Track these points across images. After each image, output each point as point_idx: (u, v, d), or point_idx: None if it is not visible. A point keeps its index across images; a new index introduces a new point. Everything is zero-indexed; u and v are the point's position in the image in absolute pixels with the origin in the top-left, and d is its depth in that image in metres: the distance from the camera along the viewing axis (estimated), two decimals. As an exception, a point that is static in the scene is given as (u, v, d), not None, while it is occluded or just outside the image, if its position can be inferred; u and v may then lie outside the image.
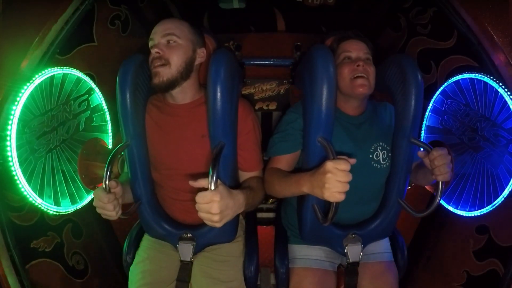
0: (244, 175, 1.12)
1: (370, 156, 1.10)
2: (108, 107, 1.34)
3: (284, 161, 1.10)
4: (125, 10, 1.40)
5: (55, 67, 1.07)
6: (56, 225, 1.17)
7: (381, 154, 1.10)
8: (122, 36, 1.41)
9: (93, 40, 1.27)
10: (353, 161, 0.81)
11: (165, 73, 1.00)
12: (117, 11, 1.35)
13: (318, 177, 0.82)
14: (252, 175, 1.12)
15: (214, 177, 0.82)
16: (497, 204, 1.06)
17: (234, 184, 1.06)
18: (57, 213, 1.10)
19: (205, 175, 0.84)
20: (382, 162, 1.11)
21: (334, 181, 0.78)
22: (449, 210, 1.23)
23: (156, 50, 1.00)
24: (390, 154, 1.12)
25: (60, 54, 1.12)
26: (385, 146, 1.12)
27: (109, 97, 1.32)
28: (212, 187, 0.81)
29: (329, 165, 0.79)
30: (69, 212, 1.16)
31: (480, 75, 1.09)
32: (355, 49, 1.07)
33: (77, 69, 1.18)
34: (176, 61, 1.00)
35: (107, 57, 1.23)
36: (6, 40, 0.96)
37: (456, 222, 1.28)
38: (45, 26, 0.99)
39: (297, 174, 0.95)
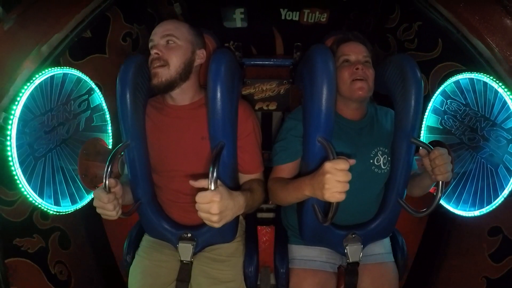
0: (244, 178, 1.12)
1: (371, 161, 1.10)
2: (108, 107, 1.34)
3: (286, 170, 1.10)
4: (137, 29, 1.45)
5: (55, 67, 1.07)
6: (43, 230, 1.15)
7: (381, 159, 1.10)
8: (132, 53, 1.45)
9: (105, 52, 1.31)
10: (352, 161, 0.81)
11: (164, 74, 1.00)
12: (129, 29, 1.40)
13: (318, 179, 0.82)
14: (253, 178, 1.12)
15: (214, 177, 0.82)
16: (497, 204, 1.05)
17: (234, 184, 1.06)
18: (57, 213, 1.10)
19: (205, 176, 0.84)
20: (382, 167, 1.10)
21: (334, 182, 0.78)
22: (457, 217, 1.21)
23: (155, 51, 1.00)
24: (390, 159, 1.12)
25: (73, 59, 1.16)
26: (386, 150, 1.12)
27: (110, 98, 1.33)
28: (212, 187, 0.81)
29: (328, 165, 0.79)
30: (69, 212, 1.16)
31: (480, 75, 1.10)
32: (355, 52, 1.07)
33: (87, 76, 1.21)
34: (175, 62, 1.01)
35: (116, 71, 1.27)
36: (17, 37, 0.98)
37: (465, 229, 1.27)
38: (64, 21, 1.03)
39: (297, 179, 0.95)
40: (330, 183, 0.79)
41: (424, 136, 1.37)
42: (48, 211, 1.06)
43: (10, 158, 0.93)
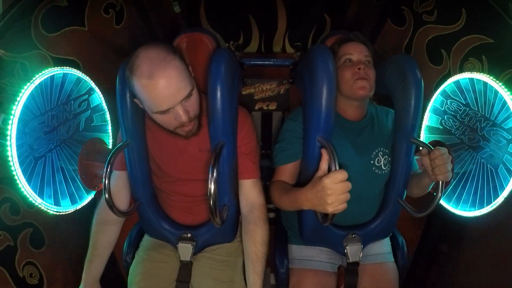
0: (240, 184, 1.09)
1: (372, 162, 1.09)
2: (108, 107, 1.34)
3: (287, 171, 1.09)
4: (121, 1, 1.33)
5: (55, 67, 1.07)
6: (12, 226, 1.04)
7: (382, 160, 1.10)
8: (115, 27, 1.34)
9: (84, 24, 1.19)
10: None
11: (195, 125, 0.97)
12: None
13: (318, 195, 0.80)
14: (248, 184, 1.08)
15: (214, 177, 0.82)
16: (497, 204, 1.05)
17: (233, 185, 1.06)
18: (57, 213, 1.10)
19: (205, 180, 0.85)
20: (383, 167, 1.10)
21: (336, 196, 0.78)
22: (466, 218, 1.16)
23: (185, 118, 0.90)
24: (390, 159, 1.12)
25: (47, 31, 1.05)
26: (386, 151, 1.11)
27: (92, 77, 1.24)
28: (212, 186, 0.82)
29: (328, 183, 0.78)
30: (69, 212, 1.16)
31: (480, 75, 1.10)
32: (356, 52, 1.07)
33: (62, 51, 1.11)
34: (198, 108, 0.95)
35: (96, 46, 1.15)
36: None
37: (479, 228, 1.21)
38: None
39: (294, 191, 0.93)
40: (332, 198, 0.78)
41: (424, 136, 1.37)
42: (48, 211, 1.06)
43: (10, 159, 0.93)
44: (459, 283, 1.29)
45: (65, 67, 1.11)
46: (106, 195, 0.94)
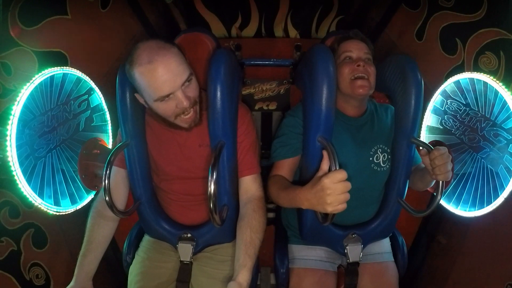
0: (240, 181, 1.09)
1: (370, 158, 1.10)
2: (108, 107, 1.34)
3: (286, 166, 1.09)
4: None
5: (55, 67, 1.07)
6: (13, 230, 1.01)
7: (381, 157, 1.10)
8: (102, 12, 1.26)
9: (66, 12, 1.11)
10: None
11: (197, 113, 0.96)
12: None
13: (317, 195, 0.80)
14: (248, 179, 1.08)
15: (214, 178, 0.82)
16: (497, 204, 1.05)
17: (233, 185, 1.06)
18: (57, 213, 1.10)
19: (204, 178, 0.84)
20: (382, 165, 1.10)
21: (335, 196, 0.78)
22: (471, 218, 1.14)
23: (188, 103, 0.91)
24: (390, 157, 1.12)
25: (26, 24, 0.99)
26: (385, 148, 1.11)
27: (81, 69, 1.19)
28: (212, 187, 0.81)
29: (327, 182, 0.78)
30: (69, 212, 1.16)
31: (480, 75, 1.10)
32: (356, 49, 1.07)
33: (45, 44, 1.05)
34: (198, 94, 0.96)
35: (82, 35, 1.07)
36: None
37: (489, 230, 1.18)
38: None
39: (293, 190, 0.92)
40: (332, 198, 0.78)
41: (424, 136, 1.37)
42: (48, 211, 1.06)
43: (10, 159, 0.93)
44: (458, 283, 1.29)
45: (64, 67, 1.11)
46: (107, 198, 0.94)
